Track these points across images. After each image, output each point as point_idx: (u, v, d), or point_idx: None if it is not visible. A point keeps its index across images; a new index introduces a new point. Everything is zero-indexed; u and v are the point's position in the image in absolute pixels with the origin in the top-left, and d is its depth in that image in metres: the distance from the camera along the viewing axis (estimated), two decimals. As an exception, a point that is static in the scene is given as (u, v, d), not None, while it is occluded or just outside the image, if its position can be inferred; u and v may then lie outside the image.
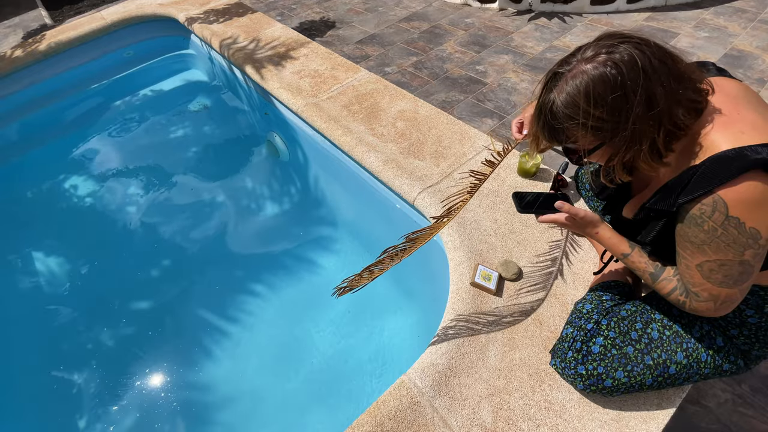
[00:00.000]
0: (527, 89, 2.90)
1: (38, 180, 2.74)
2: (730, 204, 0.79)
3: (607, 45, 0.81)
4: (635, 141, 0.82)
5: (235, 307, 1.99)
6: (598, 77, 0.79)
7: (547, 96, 0.86)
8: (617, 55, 0.79)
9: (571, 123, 0.84)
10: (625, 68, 0.78)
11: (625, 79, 0.78)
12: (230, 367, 1.81)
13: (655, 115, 0.80)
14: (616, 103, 0.79)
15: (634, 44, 0.80)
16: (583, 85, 0.81)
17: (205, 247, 2.26)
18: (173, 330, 1.95)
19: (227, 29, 3.01)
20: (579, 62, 0.83)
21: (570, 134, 0.87)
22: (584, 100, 0.81)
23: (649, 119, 0.80)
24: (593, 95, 0.80)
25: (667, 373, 1.07)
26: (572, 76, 0.82)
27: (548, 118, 0.87)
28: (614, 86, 0.79)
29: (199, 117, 3.06)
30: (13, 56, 3.07)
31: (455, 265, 1.49)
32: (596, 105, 0.80)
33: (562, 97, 0.83)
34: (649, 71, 0.78)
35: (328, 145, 2.17)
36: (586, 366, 1.12)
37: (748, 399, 1.54)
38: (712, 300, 0.89)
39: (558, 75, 0.85)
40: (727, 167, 0.78)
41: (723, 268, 0.84)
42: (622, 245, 1.02)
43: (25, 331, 2.01)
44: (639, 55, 0.78)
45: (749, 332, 1.01)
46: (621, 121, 0.81)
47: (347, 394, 1.70)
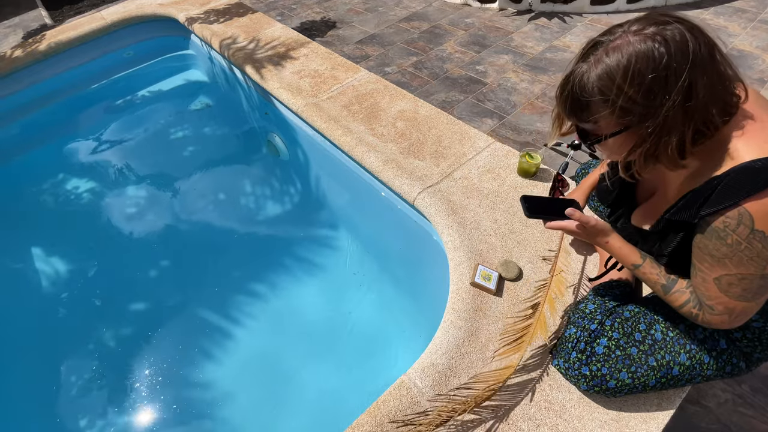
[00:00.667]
0: (527, 89, 2.90)
1: (39, 180, 2.74)
2: (756, 217, 0.75)
3: (659, 20, 0.74)
4: (664, 131, 0.76)
5: (235, 306, 1.99)
6: (643, 52, 0.72)
7: (581, 65, 0.79)
8: (668, 32, 0.72)
9: (599, 98, 0.77)
10: (674, 49, 0.71)
11: (671, 60, 0.71)
12: (229, 366, 1.81)
13: (690, 107, 0.73)
14: (654, 84, 0.73)
15: (687, 27, 0.73)
16: (624, 58, 0.73)
17: (204, 247, 2.26)
18: (173, 330, 1.95)
19: (227, 29, 3.01)
20: (625, 33, 0.76)
21: (594, 111, 0.79)
22: (621, 75, 0.74)
23: (684, 110, 0.74)
24: (633, 71, 0.73)
25: (670, 375, 1.07)
26: (614, 47, 0.75)
27: (575, 89, 0.79)
28: (657, 65, 0.72)
29: (199, 117, 3.06)
30: (13, 56, 3.07)
31: (455, 265, 1.49)
32: (632, 82, 0.73)
33: (599, 68, 0.76)
34: (697, 59, 0.72)
35: (328, 145, 2.17)
36: (590, 367, 1.12)
37: (748, 399, 1.54)
38: (727, 313, 0.86)
39: (599, 44, 0.78)
40: (754, 179, 0.74)
41: (743, 282, 0.81)
42: (633, 256, 0.98)
43: (25, 331, 2.01)
44: (691, 39, 0.72)
45: (752, 335, 1.01)
46: (654, 106, 0.74)
47: (347, 394, 1.70)
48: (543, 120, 2.65)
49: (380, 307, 1.92)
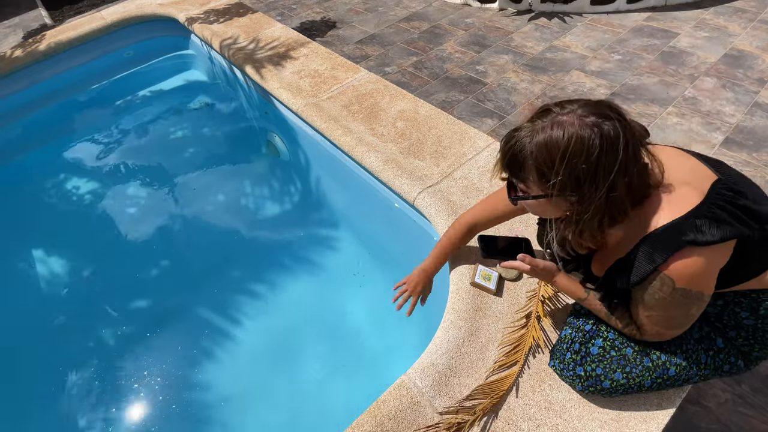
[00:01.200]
0: (527, 89, 2.90)
1: (39, 180, 2.74)
2: (676, 279, 0.86)
3: (603, 113, 0.81)
4: (584, 212, 0.85)
5: (234, 306, 1.99)
6: (581, 138, 0.79)
7: (528, 127, 0.86)
8: (606, 127, 0.79)
9: (533, 164, 0.84)
10: (607, 145, 0.79)
11: (602, 155, 0.79)
12: (228, 367, 1.81)
13: (610, 199, 0.83)
14: (583, 173, 0.81)
15: (623, 126, 0.80)
16: (564, 138, 0.80)
17: (204, 247, 2.26)
18: (172, 330, 1.95)
19: (227, 29, 3.01)
20: (572, 113, 0.82)
21: (527, 173, 0.87)
22: (558, 153, 0.81)
23: (605, 200, 0.83)
24: (569, 153, 0.80)
25: (666, 375, 1.06)
26: (559, 122, 0.82)
27: (516, 147, 0.86)
28: (589, 156, 0.79)
29: (199, 117, 3.06)
30: (13, 56, 3.07)
31: (455, 265, 1.49)
32: (566, 164, 0.81)
33: (541, 137, 0.83)
34: (623, 159, 0.80)
35: (328, 145, 2.17)
36: (585, 367, 1.12)
37: (748, 399, 1.54)
38: (657, 336, 1.00)
39: (549, 112, 0.85)
40: (663, 248, 0.85)
41: (671, 320, 0.95)
42: (578, 291, 1.10)
43: (24, 331, 2.01)
44: (623, 139, 0.79)
45: (747, 334, 1.02)
46: (579, 190, 0.83)
47: (347, 394, 1.70)
48: (543, 120, 2.65)
49: (380, 307, 1.91)
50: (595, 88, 2.83)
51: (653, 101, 2.69)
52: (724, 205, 0.84)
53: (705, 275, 0.87)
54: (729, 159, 2.28)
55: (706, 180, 0.88)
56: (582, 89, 2.84)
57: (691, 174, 0.90)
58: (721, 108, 2.58)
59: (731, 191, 0.86)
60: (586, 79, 2.92)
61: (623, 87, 2.82)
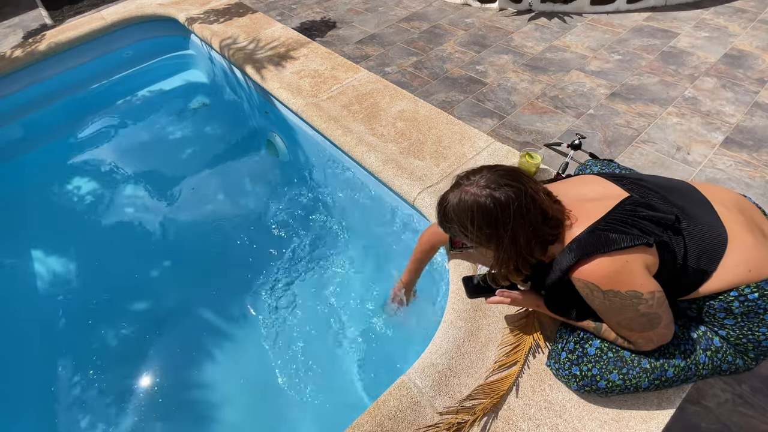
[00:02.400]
0: (527, 89, 2.90)
1: (38, 180, 2.74)
2: (599, 283, 0.96)
3: (498, 182, 0.98)
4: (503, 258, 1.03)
5: (233, 306, 1.99)
6: (480, 206, 0.97)
7: (447, 195, 1.04)
8: (497, 194, 0.96)
9: (456, 225, 1.04)
10: (500, 208, 0.96)
11: (499, 217, 0.97)
12: (227, 366, 1.81)
13: (516, 248, 1.00)
14: (489, 231, 0.99)
15: (515, 190, 0.97)
16: (468, 206, 0.99)
17: (204, 246, 2.26)
18: (172, 329, 1.95)
19: (227, 29, 3.01)
20: (474, 184, 0.99)
21: (454, 232, 1.07)
22: (467, 218, 0.99)
23: (511, 249, 1.01)
24: (475, 218, 0.98)
25: (664, 377, 1.07)
26: (464, 192, 1.00)
27: (442, 212, 1.06)
28: (489, 219, 0.98)
29: (199, 117, 3.06)
30: (13, 56, 3.07)
31: (455, 265, 1.49)
32: (473, 225, 0.99)
33: (454, 204, 1.01)
34: (518, 217, 0.97)
35: (328, 145, 2.17)
36: (581, 367, 1.12)
37: (748, 399, 1.54)
38: (648, 340, 1.04)
39: (459, 184, 1.03)
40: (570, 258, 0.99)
41: (633, 322, 1.00)
42: (564, 313, 1.15)
43: (23, 332, 2.01)
44: (513, 202, 0.96)
45: (735, 333, 1.02)
46: (491, 243, 1.02)
47: (347, 394, 1.70)
48: (543, 120, 2.65)
49: (380, 307, 1.91)
50: (595, 88, 2.83)
51: (653, 101, 2.69)
52: (624, 218, 0.98)
53: (622, 277, 0.95)
54: (729, 159, 2.28)
55: (615, 199, 1.03)
56: (582, 89, 2.84)
57: (600, 196, 1.06)
58: (721, 108, 2.58)
59: (637, 205, 1.00)
60: (586, 79, 2.92)
61: (623, 87, 2.82)
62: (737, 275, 0.96)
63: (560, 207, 1.04)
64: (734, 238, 0.99)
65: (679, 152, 2.35)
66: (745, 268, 0.96)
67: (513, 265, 1.05)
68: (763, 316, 0.98)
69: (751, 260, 0.97)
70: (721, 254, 0.98)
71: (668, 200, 1.05)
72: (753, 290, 0.96)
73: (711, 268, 0.98)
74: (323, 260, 2.13)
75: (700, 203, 1.05)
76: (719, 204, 1.05)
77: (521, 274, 1.09)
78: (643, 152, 2.37)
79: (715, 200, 1.06)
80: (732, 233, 0.99)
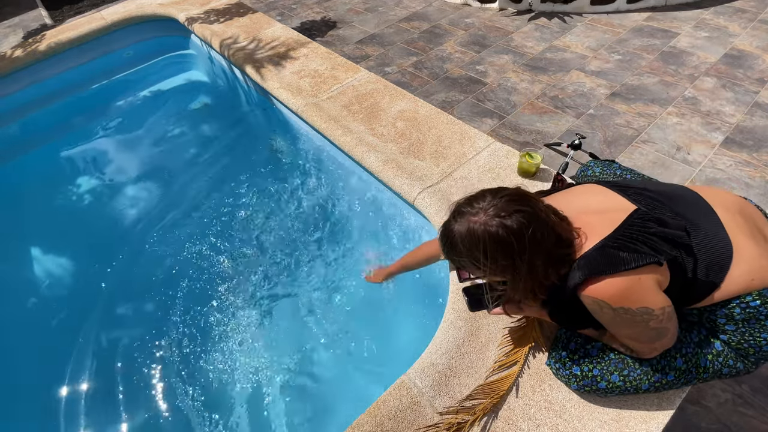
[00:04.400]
0: (527, 89, 2.90)
1: (38, 179, 2.74)
2: (610, 301, 0.93)
3: (505, 208, 0.92)
4: (517, 285, 0.99)
5: (233, 305, 1.99)
6: (492, 237, 0.92)
7: (452, 225, 0.97)
8: (508, 222, 0.91)
9: (466, 258, 0.97)
10: (515, 237, 0.91)
11: (514, 246, 0.92)
12: (226, 366, 1.81)
13: (534, 276, 0.96)
14: (505, 263, 0.94)
15: (526, 215, 0.92)
16: (479, 237, 0.92)
17: (203, 246, 2.26)
18: (171, 329, 1.95)
19: (227, 29, 3.01)
20: (481, 212, 0.94)
21: (465, 265, 1.01)
22: (479, 251, 0.93)
23: (528, 278, 0.96)
24: (488, 250, 0.93)
25: (665, 379, 1.07)
26: (472, 222, 0.94)
27: (449, 244, 0.99)
28: (504, 251, 0.92)
29: (199, 117, 3.06)
30: (14, 56, 3.07)
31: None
32: (487, 258, 0.94)
33: (463, 235, 0.95)
34: (533, 243, 0.92)
35: (328, 145, 2.17)
36: (581, 367, 1.12)
37: (748, 399, 1.54)
38: (650, 351, 1.04)
39: (462, 213, 0.96)
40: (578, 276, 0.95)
41: (641, 335, 0.99)
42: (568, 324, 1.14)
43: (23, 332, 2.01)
44: (526, 228, 0.91)
45: (737, 338, 1.02)
46: (507, 274, 0.97)
47: (347, 395, 1.70)
48: (543, 120, 2.65)
49: (380, 307, 1.92)
50: (595, 88, 2.83)
51: (653, 101, 2.68)
52: (634, 234, 0.94)
53: (632, 294, 0.92)
54: (729, 159, 2.28)
55: (622, 212, 0.99)
56: (582, 89, 2.84)
57: (605, 208, 1.02)
58: (721, 108, 2.58)
59: (646, 220, 0.96)
60: (586, 79, 2.92)
61: (623, 87, 2.82)
62: (741, 285, 0.96)
63: (568, 225, 1.01)
64: (739, 247, 0.97)
65: (679, 152, 2.35)
66: (749, 278, 0.96)
67: (531, 293, 1.01)
68: (764, 321, 0.98)
69: (754, 269, 0.96)
70: (728, 265, 0.96)
71: (674, 211, 1.01)
72: (755, 298, 0.96)
73: (719, 279, 0.97)
74: (321, 260, 2.13)
75: (705, 212, 1.03)
76: (722, 209, 1.03)
77: (537, 300, 1.06)
78: (643, 152, 2.37)
79: (717, 205, 1.04)
80: (736, 243, 0.98)
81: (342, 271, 2.07)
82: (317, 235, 2.23)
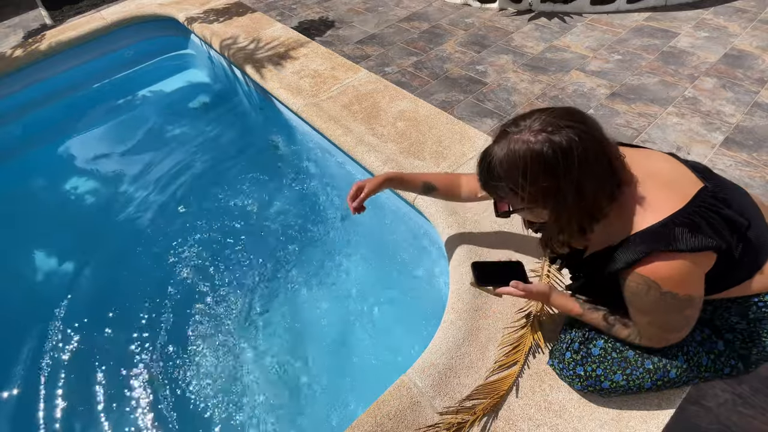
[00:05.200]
0: (527, 89, 2.90)
1: (38, 179, 2.74)
2: (661, 283, 0.86)
3: (554, 124, 0.82)
4: (559, 219, 0.90)
5: (232, 305, 1.99)
6: (535, 154, 0.82)
7: (492, 149, 0.89)
8: (556, 138, 0.81)
9: (504, 184, 0.89)
10: (561, 154, 0.81)
11: (560, 165, 0.81)
12: (225, 365, 1.81)
13: (582, 203, 0.86)
14: (547, 184, 0.84)
15: (578, 131, 0.82)
16: (520, 156, 0.83)
17: (203, 246, 2.26)
18: (170, 329, 1.95)
19: (227, 29, 3.01)
20: (525, 130, 0.84)
21: (501, 192, 0.92)
22: (519, 171, 0.84)
23: (576, 205, 0.86)
24: (529, 169, 0.83)
25: (667, 377, 1.07)
26: (515, 140, 0.84)
27: (486, 170, 0.91)
28: (547, 169, 0.82)
29: (199, 117, 3.06)
30: (14, 56, 3.07)
31: (455, 265, 1.49)
32: (526, 179, 0.84)
33: (501, 157, 0.86)
34: (583, 163, 0.81)
35: (329, 144, 2.17)
36: (585, 368, 1.12)
37: (748, 399, 1.54)
38: (664, 341, 1.01)
39: (505, 133, 0.87)
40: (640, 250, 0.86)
41: (670, 323, 0.95)
42: (575, 308, 1.10)
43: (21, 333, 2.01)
44: (576, 145, 0.81)
45: (743, 337, 1.02)
46: (549, 199, 0.87)
47: (346, 395, 1.70)
48: (543, 120, 2.65)
49: (380, 307, 1.91)
50: (595, 88, 2.83)
51: (653, 101, 2.68)
52: (706, 214, 0.85)
53: (687, 279, 0.87)
54: (729, 159, 2.28)
55: (692, 186, 0.89)
56: (582, 89, 2.84)
57: (675, 179, 0.92)
58: (721, 108, 2.58)
59: (716, 199, 0.88)
60: (586, 79, 2.92)
61: (623, 87, 2.82)
62: (763, 283, 0.94)
63: (626, 167, 0.90)
64: None
65: (679, 152, 2.35)
66: None
67: (577, 226, 0.89)
68: None
69: None
70: (764, 260, 0.93)
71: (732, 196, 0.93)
72: None
73: (750, 274, 0.94)
74: (321, 260, 2.13)
75: (752, 203, 0.97)
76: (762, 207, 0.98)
77: (584, 238, 0.93)
78: (643, 152, 2.37)
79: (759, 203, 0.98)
80: None
81: (341, 270, 2.07)
82: (316, 234, 2.23)
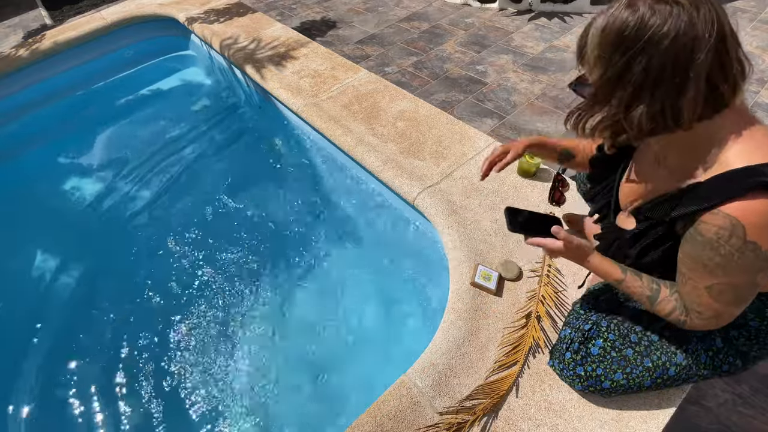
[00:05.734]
0: (527, 89, 2.90)
1: (38, 180, 2.74)
2: (749, 228, 0.73)
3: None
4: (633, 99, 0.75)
5: (232, 305, 1.99)
6: (644, 24, 0.70)
7: (602, 12, 0.78)
8: (676, 10, 0.69)
9: (593, 48, 0.77)
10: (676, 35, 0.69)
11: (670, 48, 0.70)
12: (225, 365, 1.81)
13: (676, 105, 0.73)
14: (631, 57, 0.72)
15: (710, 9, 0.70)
16: (627, 22, 0.72)
17: (203, 246, 2.26)
18: (169, 330, 1.95)
19: (227, 29, 3.01)
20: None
21: (586, 60, 0.80)
22: (613, 35, 0.73)
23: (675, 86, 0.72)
24: (626, 39, 0.72)
25: (666, 375, 1.07)
26: (629, 3, 0.73)
27: (580, 43, 0.81)
28: (649, 47, 0.70)
29: (199, 117, 3.06)
30: (14, 56, 3.07)
31: (455, 265, 1.49)
32: (617, 49, 0.73)
33: (604, 20, 0.75)
34: (700, 58, 0.69)
35: (328, 145, 2.17)
36: (585, 367, 1.12)
37: (748, 399, 1.54)
38: (714, 318, 0.87)
39: (611, 6, 0.76)
40: (733, 187, 0.74)
41: (735, 290, 0.82)
42: (614, 272, 0.96)
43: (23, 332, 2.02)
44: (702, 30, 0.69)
45: (749, 334, 1.02)
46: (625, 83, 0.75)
47: (346, 395, 1.70)
48: (543, 120, 2.65)
49: (380, 307, 1.91)
50: (595, 88, 2.83)
51: (653, 101, 2.68)
52: None
53: None
54: (729, 159, 2.28)
55: None
56: (582, 89, 2.83)
57: None
58: (721, 108, 2.58)
59: None
60: (586, 79, 2.92)
61: (623, 87, 2.81)
62: None
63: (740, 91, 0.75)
64: None
65: (679, 152, 2.35)
66: None
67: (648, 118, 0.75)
68: None
69: None
70: None
71: None
72: None
73: None
74: (321, 260, 2.13)
75: None
76: None
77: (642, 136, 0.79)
78: (643, 152, 2.37)
79: None
80: None
81: (341, 270, 2.07)
82: (316, 234, 2.23)
